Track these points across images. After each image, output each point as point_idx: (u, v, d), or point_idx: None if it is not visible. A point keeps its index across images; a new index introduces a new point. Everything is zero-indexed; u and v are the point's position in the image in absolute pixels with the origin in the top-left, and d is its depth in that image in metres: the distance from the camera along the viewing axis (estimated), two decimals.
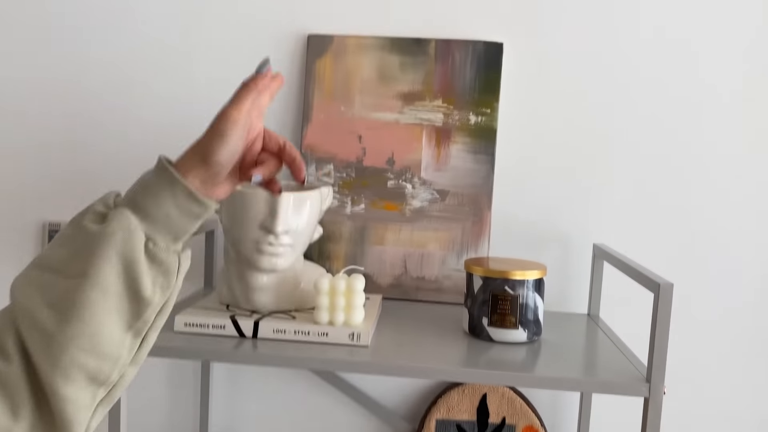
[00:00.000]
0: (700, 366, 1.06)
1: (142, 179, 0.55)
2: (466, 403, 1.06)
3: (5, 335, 0.50)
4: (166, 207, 0.53)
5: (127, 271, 0.51)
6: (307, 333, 0.80)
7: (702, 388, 1.06)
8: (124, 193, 0.56)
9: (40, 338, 0.49)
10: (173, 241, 0.54)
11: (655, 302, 0.71)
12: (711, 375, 1.06)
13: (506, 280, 0.84)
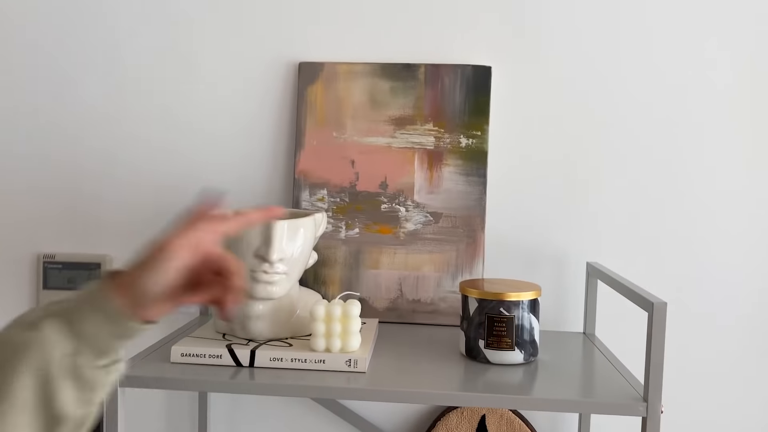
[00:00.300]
0: (696, 381, 1.06)
1: (81, 291, 0.54)
2: (465, 426, 1.06)
3: None
4: (93, 324, 0.52)
5: (43, 386, 0.50)
6: (304, 360, 0.80)
7: (699, 402, 1.06)
8: (63, 303, 0.53)
9: None
10: (100, 356, 0.52)
11: (649, 321, 0.71)
12: (708, 389, 1.06)
13: (501, 302, 0.84)
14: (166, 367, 0.79)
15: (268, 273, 0.81)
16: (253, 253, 0.81)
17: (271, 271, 0.81)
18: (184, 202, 1.11)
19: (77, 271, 1.11)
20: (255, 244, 0.81)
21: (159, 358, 0.83)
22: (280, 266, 0.82)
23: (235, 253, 0.82)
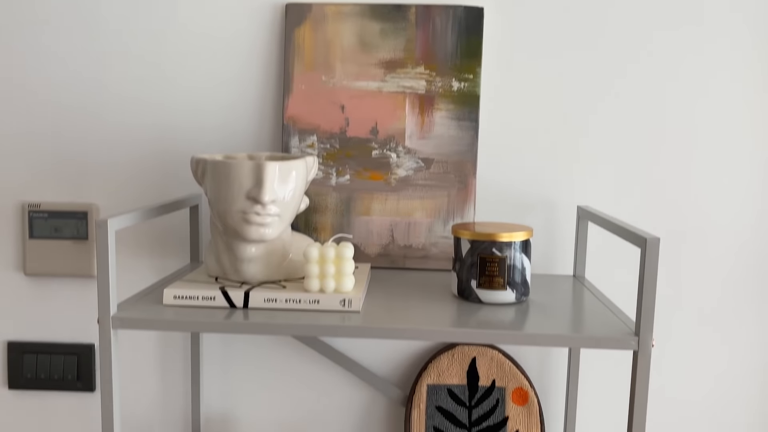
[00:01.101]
0: (687, 319, 1.08)
1: None
2: (455, 368, 1.07)
3: None
4: None
5: None
6: (298, 301, 0.80)
7: (690, 338, 1.09)
8: None
9: None
10: None
11: (642, 257, 0.72)
12: (699, 327, 1.08)
13: (493, 242, 0.84)
14: (158, 310, 0.79)
15: (260, 215, 0.81)
16: (245, 195, 0.80)
17: (264, 213, 0.81)
18: (171, 150, 1.09)
19: (64, 220, 1.10)
20: (246, 186, 0.80)
21: (151, 301, 0.82)
22: (272, 208, 0.81)
23: (227, 194, 0.81)
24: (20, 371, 1.13)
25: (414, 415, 1.07)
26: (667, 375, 1.09)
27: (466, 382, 1.07)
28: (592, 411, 1.10)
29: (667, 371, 1.09)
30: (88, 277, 1.11)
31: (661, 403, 1.10)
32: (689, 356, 1.09)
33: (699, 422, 1.10)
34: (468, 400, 1.07)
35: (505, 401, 1.07)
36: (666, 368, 1.09)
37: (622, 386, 1.10)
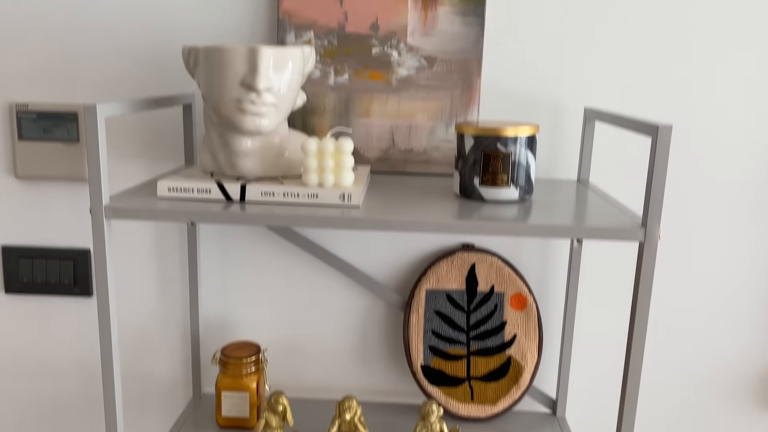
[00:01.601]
0: (692, 211, 1.07)
1: None
2: (454, 274, 1.07)
3: None
4: None
5: None
6: (296, 195, 0.78)
7: (695, 230, 1.08)
8: None
9: None
10: None
11: (653, 146, 0.69)
12: (705, 224, 1.07)
13: (498, 137, 0.81)
14: (153, 201, 0.76)
15: (255, 104, 0.77)
16: (239, 82, 0.77)
17: (259, 101, 0.77)
18: (162, 48, 1.04)
19: (53, 121, 1.06)
20: (241, 73, 0.76)
21: (145, 194, 0.80)
22: (267, 97, 0.78)
23: (221, 83, 0.77)
24: (16, 275, 1.12)
25: (412, 319, 1.07)
26: (670, 278, 1.09)
27: (465, 288, 1.07)
28: (591, 317, 1.11)
29: (670, 273, 1.09)
30: (81, 181, 1.09)
31: (662, 309, 1.10)
32: (695, 248, 1.08)
33: (703, 331, 1.10)
34: (466, 304, 1.07)
35: (503, 306, 1.07)
36: (670, 269, 1.09)
37: (622, 293, 1.09)
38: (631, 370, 0.73)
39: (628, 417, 0.75)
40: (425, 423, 0.91)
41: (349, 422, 0.92)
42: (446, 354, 1.07)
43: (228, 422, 1.01)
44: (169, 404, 1.16)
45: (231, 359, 1.00)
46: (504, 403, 1.07)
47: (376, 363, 1.13)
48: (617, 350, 1.12)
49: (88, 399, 1.17)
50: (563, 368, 1.07)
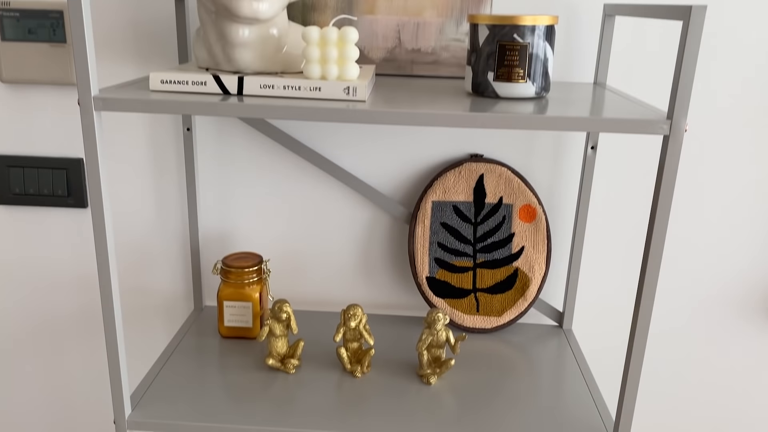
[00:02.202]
0: (718, 107, 1.03)
1: None
2: (462, 185, 1.03)
3: None
4: None
5: None
6: (297, 88, 0.73)
7: (721, 124, 1.04)
8: None
9: None
10: None
11: (683, 30, 0.64)
12: (728, 114, 1.03)
13: (515, 26, 0.76)
14: (145, 94, 0.72)
15: None
16: None
17: None
18: None
19: (38, 21, 0.99)
20: None
21: (136, 87, 0.75)
22: None
23: None
24: (7, 186, 1.08)
25: (418, 231, 1.04)
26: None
27: (473, 199, 1.03)
28: (601, 229, 1.08)
29: (685, 182, 1.05)
30: (71, 85, 1.03)
31: (675, 220, 1.07)
32: (717, 144, 1.04)
33: (716, 242, 1.08)
34: (474, 216, 1.04)
35: (511, 218, 1.03)
36: (684, 179, 1.05)
37: (636, 204, 1.06)
38: (649, 272, 0.71)
39: (642, 325, 0.73)
40: (431, 331, 0.90)
41: (354, 330, 0.90)
42: (452, 266, 1.05)
43: (231, 332, 1.00)
44: (170, 317, 1.14)
45: (233, 269, 0.97)
46: (510, 315, 1.05)
47: (380, 276, 1.11)
48: (627, 263, 1.09)
49: (88, 313, 1.15)
50: (571, 281, 1.05)
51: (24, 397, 1.21)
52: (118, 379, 0.78)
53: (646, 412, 1.17)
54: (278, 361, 0.91)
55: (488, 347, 1.01)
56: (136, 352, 1.16)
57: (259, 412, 0.82)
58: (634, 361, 0.74)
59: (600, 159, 1.03)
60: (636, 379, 0.75)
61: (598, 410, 0.85)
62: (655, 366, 1.14)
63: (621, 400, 0.76)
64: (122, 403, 0.78)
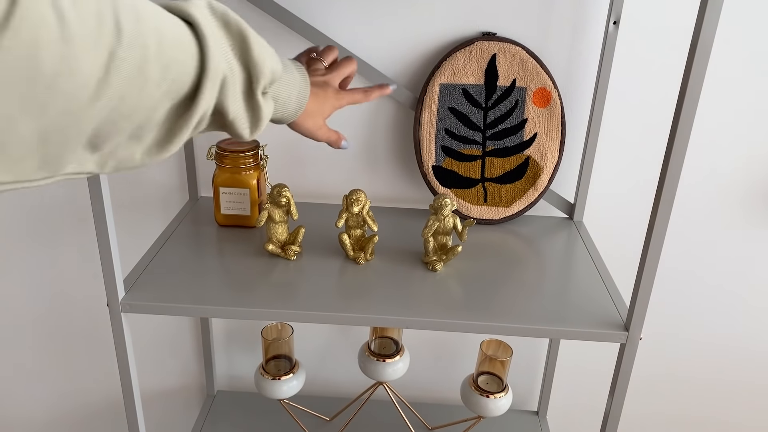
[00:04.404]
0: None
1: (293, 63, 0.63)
2: (473, 66, 0.96)
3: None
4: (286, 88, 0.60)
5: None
6: None
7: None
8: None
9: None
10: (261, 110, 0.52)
11: None
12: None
13: None
14: None
15: None
16: None
17: None
18: None
19: None
20: None
21: None
22: None
23: None
24: None
25: (424, 116, 0.98)
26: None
27: (484, 82, 0.96)
28: (620, 115, 1.01)
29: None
30: None
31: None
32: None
33: (736, 134, 1.02)
34: (484, 101, 0.97)
35: (524, 102, 0.97)
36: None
37: (660, 86, 0.99)
38: (674, 156, 0.65)
39: (664, 212, 0.68)
40: (437, 217, 0.86)
41: (357, 215, 0.86)
42: (460, 154, 0.99)
43: (228, 220, 0.96)
44: (164, 208, 1.10)
45: (228, 153, 0.92)
46: (519, 206, 1.01)
47: (383, 165, 1.06)
48: (645, 154, 1.04)
49: (76, 205, 1.11)
50: (584, 171, 1.00)
51: (18, 288, 1.19)
52: (110, 261, 0.74)
53: (659, 303, 1.15)
54: (278, 247, 0.87)
55: (496, 238, 0.97)
56: (129, 242, 1.12)
57: (259, 295, 0.79)
58: (653, 246, 0.70)
59: (622, 36, 0.95)
60: (654, 263, 0.71)
61: (611, 296, 0.82)
62: (669, 259, 1.11)
63: (637, 286, 0.73)
64: (114, 285, 0.75)
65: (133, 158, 0.44)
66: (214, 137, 1.04)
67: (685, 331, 1.18)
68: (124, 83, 0.38)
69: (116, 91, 0.38)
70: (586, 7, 0.94)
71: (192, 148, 1.01)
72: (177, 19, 0.43)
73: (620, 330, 0.75)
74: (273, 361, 1.04)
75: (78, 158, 0.40)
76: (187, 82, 0.43)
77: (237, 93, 0.49)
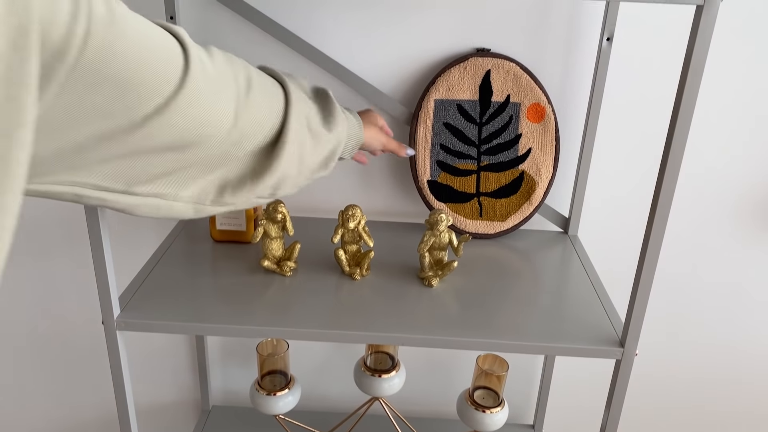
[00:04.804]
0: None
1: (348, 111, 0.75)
2: (467, 82, 0.96)
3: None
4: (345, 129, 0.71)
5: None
6: None
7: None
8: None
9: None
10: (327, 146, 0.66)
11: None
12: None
13: None
14: None
15: None
16: None
17: None
18: None
19: None
20: None
21: None
22: None
23: None
24: None
25: (419, 132, 0.98)
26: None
27: (478, 97, 0.97)
28: (614, 130, 1.02)
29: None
30: None
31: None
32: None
33: (735, 148, 1.02)
34: (479, 116, 0.98)
35: (519, 118, 0.97)
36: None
37: (652, 103, 1.00)
38: (669, 166, 0.66)
39: (659, 223, 0.69)
40: (433, 232, 0.86)
41: (352, 231, 0.86)
42: (455, 169, 1.00)
43: (223, 236, 0.95)
44: (159, 223, 1.10)
45: None
46: (514, 220, 1.01)
47: (379, 180, 1.06)
48: (638, 168, 1.04)
49: (70, 220, 1.10)
50: (579, 185, 1.01)
51: (10, 304, 1.18)
52: (105, 279, 0.73)
53: (653, 320, 1.15)
54: (274, 263, 0.87)
55: (491, 253, 0.98)
56: (124, 258, 1.12)
57: (255, 312, 0.78)
58: (648, 261, 0.71)
59: (615, 52, 0.96)
60: (650, 278, 0.72)
61: (606, 312, 0.82)
62: (662, 272, 1.11)
63: (632, 301, 0.73)
64: (110, 303, 0.75)
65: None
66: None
67: (680, 336, 1.18)
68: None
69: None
70: (579, 23, 0.95)
71: None
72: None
73: (616, 346, 0.76)
74: (268, 377, 1.04)
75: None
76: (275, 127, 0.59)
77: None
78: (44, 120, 0.37)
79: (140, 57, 0.41)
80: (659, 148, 1.02)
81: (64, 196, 0.46)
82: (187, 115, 0.46)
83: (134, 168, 0.47)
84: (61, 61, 0.35)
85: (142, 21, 0.43)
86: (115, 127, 0.42)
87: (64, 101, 0.37)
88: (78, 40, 0.35)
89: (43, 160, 0.40)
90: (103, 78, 0.38)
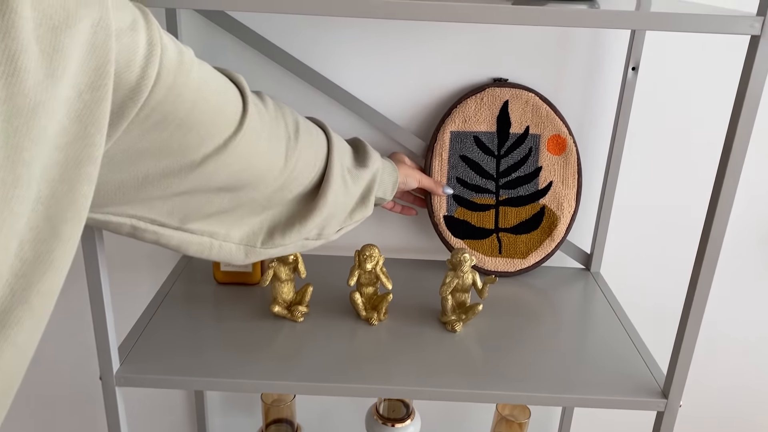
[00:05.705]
0: None
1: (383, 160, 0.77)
2: (484, 113, 0.92)
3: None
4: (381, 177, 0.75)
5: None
6: None
7: None
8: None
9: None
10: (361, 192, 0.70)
11: None
12: None
13: None
14: None
15: None
16: None
17: None
18: None
19: None
20: None
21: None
22: None
23: None
24: None
25: (435, 165, 0.93)
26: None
27: (496, 129, 0.93)
28: (639, 162, 0.98)
29: None
30: None
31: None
32: None
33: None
34: (497, 148, 0.93)
35: (539, 150, 0.93)
36: None
37: (679, 132, 0.96)
38: (718, 215, 0.61)
39: (706, 273, 0.64)
40: (456, 273, 0.80)
41: (370, 273, 0.80)
42: (472, 204, 0.94)
43: (227, 277, 0.89)
44: (157, 265, 1.03)
45: None
46: (535, 257, 0.96)
47: (393, 215, 1.01)
48: (666, 202, 1.00)
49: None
50: (602, 220, 0.96)
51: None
52: (104, 330, 0.67)
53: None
54: (284, 308, 0.81)
55: (512, 292, 0.92)
56: (122, 302, 1.05)
57: (264, 364, 0.72)
58: (696, 303, 0.65)
59: (641, 82, 0.92)
60: (697, 321, 0.66)
61: (642, 356, 0.76)
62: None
63: (677, 345, 0.68)
64: (109, 357, 0.68)
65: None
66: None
67: (707, 377, 1.13)
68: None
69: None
70: (602, 52, 0.91)
71: None
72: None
73: (657, 397, 0.70)
74: (273, 426, 0.97)
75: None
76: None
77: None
78: (110, 154, 0.39)
79: (204, 100, 0.43)
80: (686, 183, 0.98)
81: (122, 227, 0.48)
82: (242, 156, 0.49)
83: (189, 205, 0.49)
84: (133, 101, 0.37)
85: (206, 67, 0.46)
86: (176, 164, 0.44)
87: (131, 138, 0.40)
88: (149, 82, 0.37)
89: (107, 191, 0.43)
90: (169, 118, 0.41)
